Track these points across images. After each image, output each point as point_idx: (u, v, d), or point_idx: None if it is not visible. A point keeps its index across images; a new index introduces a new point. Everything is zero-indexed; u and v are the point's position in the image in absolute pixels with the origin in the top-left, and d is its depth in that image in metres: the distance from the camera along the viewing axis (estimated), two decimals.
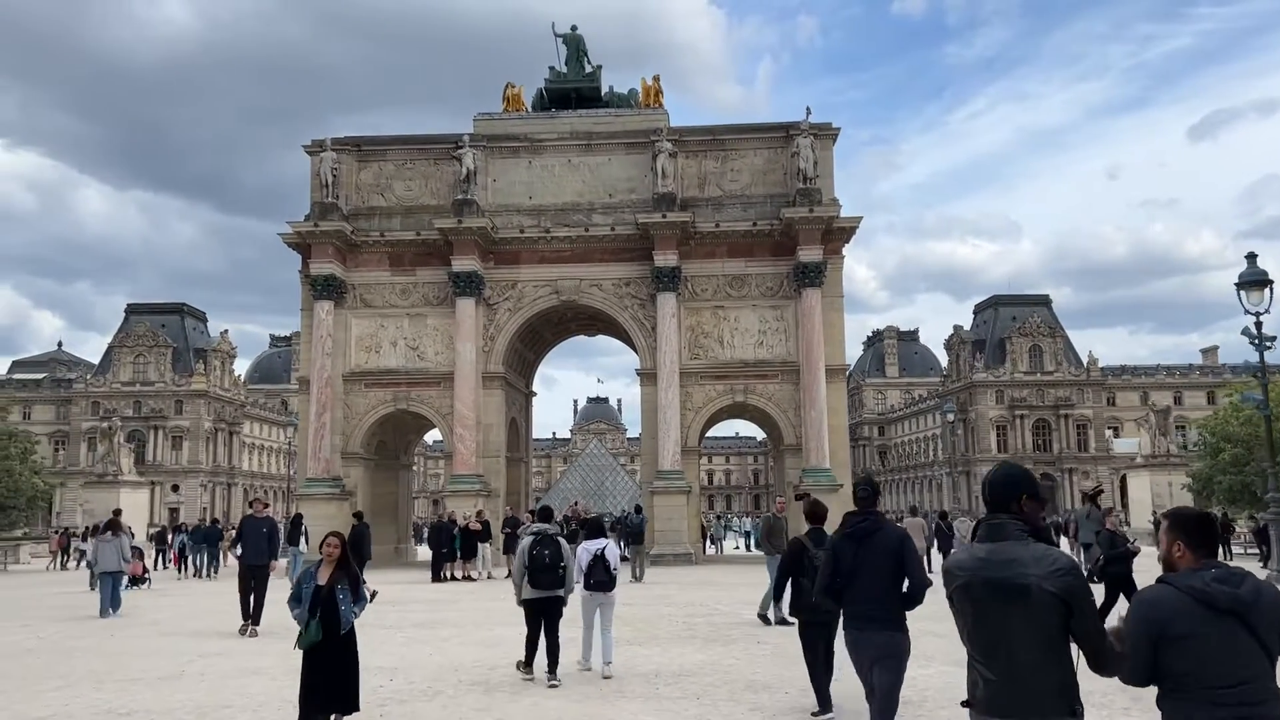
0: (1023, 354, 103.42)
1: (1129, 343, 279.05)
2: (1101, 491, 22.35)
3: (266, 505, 15.94)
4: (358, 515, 27.95)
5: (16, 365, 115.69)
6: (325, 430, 34.00)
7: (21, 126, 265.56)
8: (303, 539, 26.17)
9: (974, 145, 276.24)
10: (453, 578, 27.87)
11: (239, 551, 16.74)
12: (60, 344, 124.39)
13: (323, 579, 8.21)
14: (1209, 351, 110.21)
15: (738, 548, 49.47)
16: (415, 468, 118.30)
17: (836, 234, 34.70)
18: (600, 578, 11.23)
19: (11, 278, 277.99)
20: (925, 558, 28.51)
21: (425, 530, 34.66)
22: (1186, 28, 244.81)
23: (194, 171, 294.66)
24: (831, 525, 7.74)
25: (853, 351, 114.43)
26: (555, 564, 10.76)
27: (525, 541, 11.05)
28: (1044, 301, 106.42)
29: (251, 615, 15.87)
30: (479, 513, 28.88)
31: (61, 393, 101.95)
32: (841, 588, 6.54)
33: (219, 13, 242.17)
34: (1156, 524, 49.68)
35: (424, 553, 38.56)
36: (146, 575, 28.42)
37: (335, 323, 34.89)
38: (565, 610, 11.09)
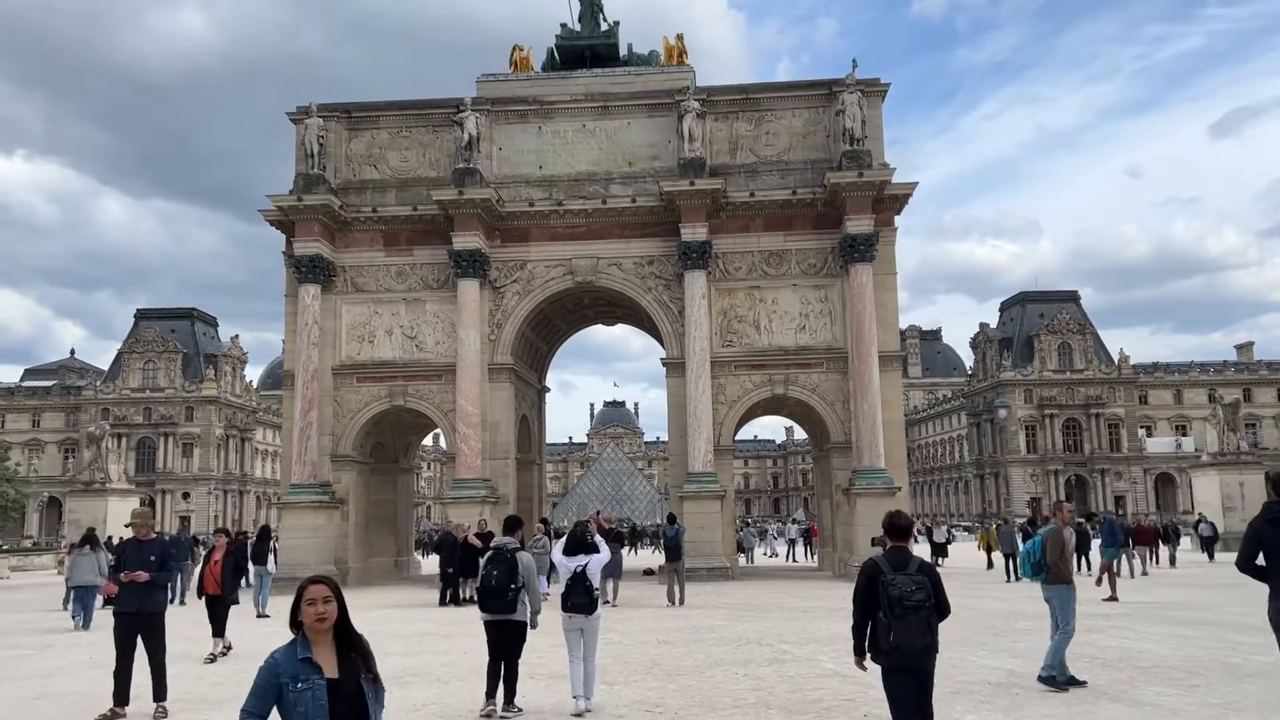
0: (1051, 352, 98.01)
1: (1151, 343, 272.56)
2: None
3: (150, 527, 10.60)
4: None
5: (29, 373, 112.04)
6: (312, 430, 29.33)
7: (43, 138, 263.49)
8: (271, 557, 21.36)
9: (988, 148, 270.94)
10: (456, 599, 23.22)
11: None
12: (73, 351, 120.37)
13: (327, 666, 4.30)
14: (1244, 348, 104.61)
15: (774, 555, 44.61)
16: (418, 472, 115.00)
17: (888, 203, 29.86)
18: (579, 599, 9.95)
19: (34, 288, 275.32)
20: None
21: (435, 539, 29.82)
22: (1197, 28, 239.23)
23: (214, 181, 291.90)
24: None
25: None
26: (504, 586, 9.62)
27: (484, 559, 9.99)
28: (1072, 298, 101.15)
29: (119, 695, 9.93)
30: (481, 522, 24.13)
31: (71, 400, 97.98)
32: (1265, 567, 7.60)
33: (238, 24, 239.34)
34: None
35: (429, 565, 33.96)
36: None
37: (323, 309, 30.22)
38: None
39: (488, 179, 30.08)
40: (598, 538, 11.59)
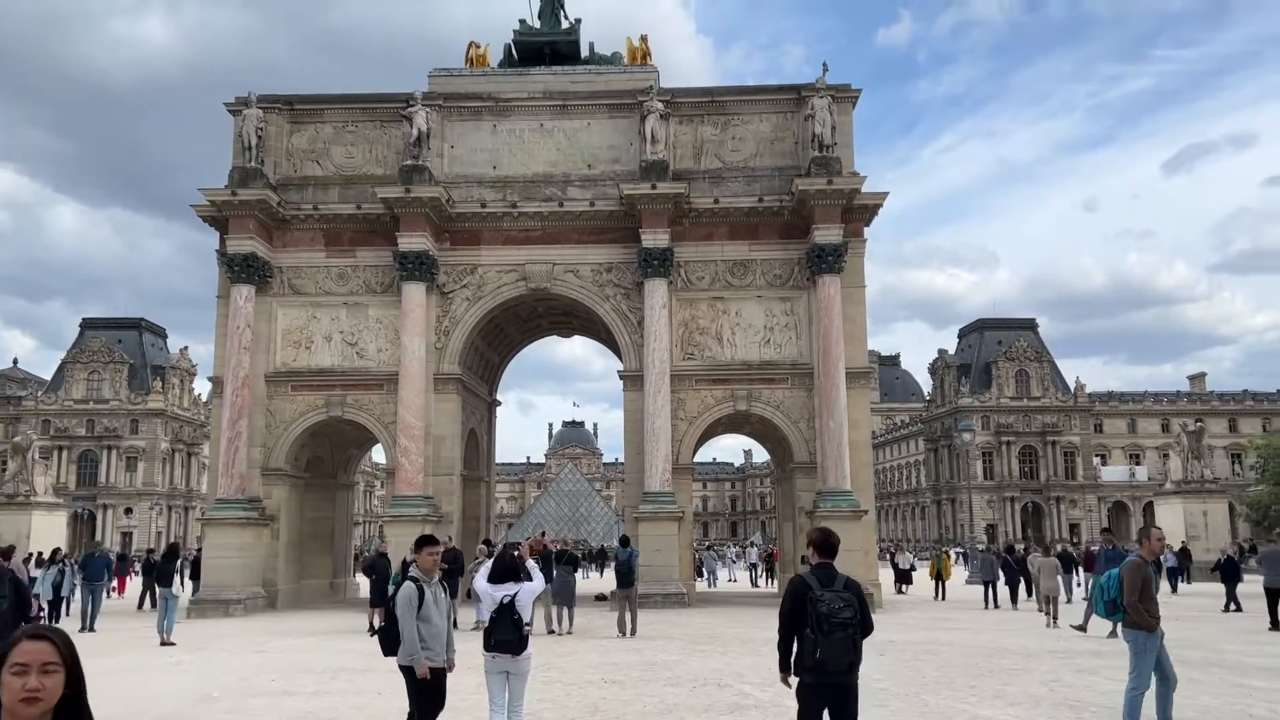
0: (1009, 379, 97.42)
1: (1103, 373, 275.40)
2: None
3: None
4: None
5: None
6: (241, 441, 26.98)
7: None
8: (176, 578, 19.02)
9: (947, 179, 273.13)
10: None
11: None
12: (15, 361, 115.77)
13: None
14: (1196, 379, 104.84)
15: (733, 580, 42.68)
16: (371, 489, 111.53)
17: (857, 213, 28.26)
18: (505, 636, 8.16)
19: None
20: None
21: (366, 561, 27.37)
22: (1149, 68, 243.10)
23: (171, 191, 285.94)
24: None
25: None
26: (387, 627, 8.09)
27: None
28: (1030, 325, 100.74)
29: None
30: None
31: (10, 410, 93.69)
32: None
33: (201, 33, 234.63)
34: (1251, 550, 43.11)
35: (368, 587, 31.61)
36: (39, 614, 21.31)
37: (257, 312, 27.95)
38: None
39: (438, 178, 28.10)
40: (530, 563, 9.68)
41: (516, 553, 10.15)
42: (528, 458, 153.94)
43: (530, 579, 9.32)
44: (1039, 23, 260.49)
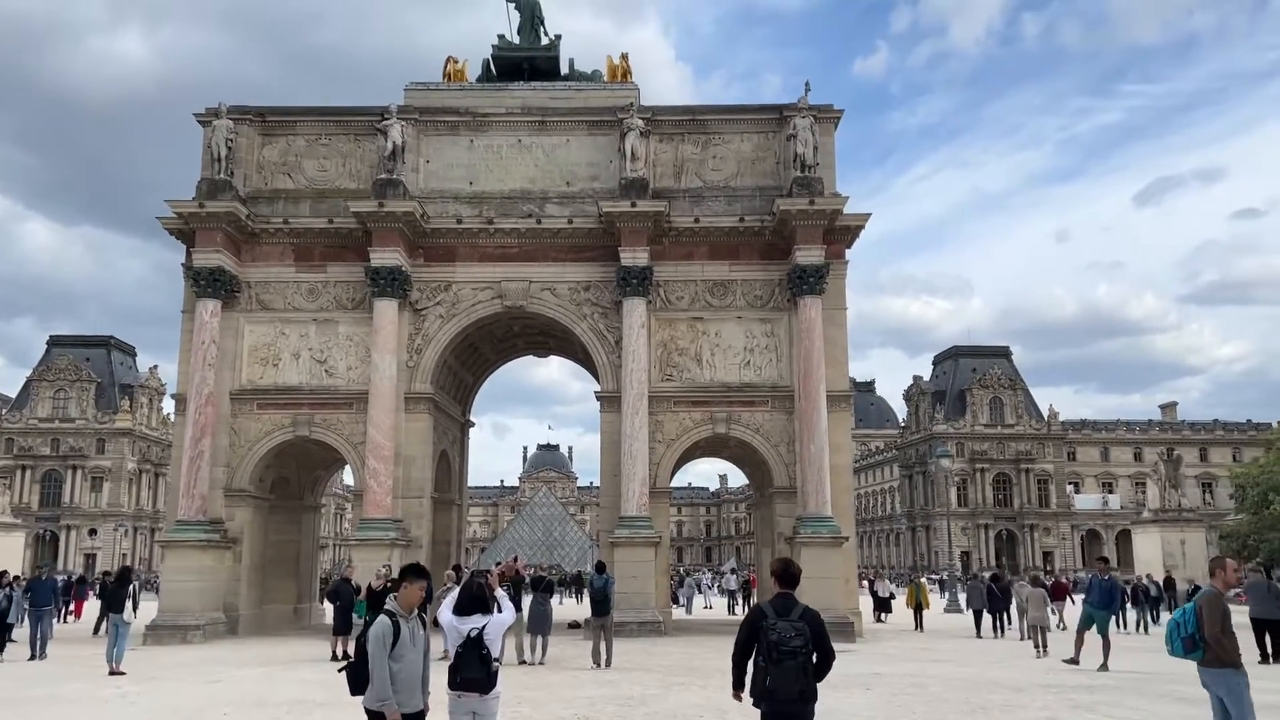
0: (983, 406, 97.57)
1: (1074, 402, 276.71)
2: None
3: None
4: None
5: None
6: (203, 460, 25.93)
7: None
8: (128, 603, 17.97)
9: (922, 208, 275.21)
10: (346, 656, 20.07)
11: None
12: None
13: None
14: (1168, 408, 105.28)
15: (708, 607, 41.78)
16: (342, 512, 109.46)
17: (839, 234, 27.75)
18: (472, 673, 7.38)
19: None
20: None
21: (330, 585, 26.21)
22: (1118, 103, 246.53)
23: (147, 209, 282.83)
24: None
25: None
26: (356, 666, 7.10)
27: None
28: (1004, 353, 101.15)
29: None
30: (385, 568, 20.99)
31: None
32: None
33: (179, 52, 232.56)
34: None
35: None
36: None
37: (223, 328, 26.97)
38: None
39: (413, 193, 27.34)
40: (500, 592, 8.89)
41: (484, 580, 9.38)
42: (501, 481, 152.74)
43: (500, 610, 8.55)
44: (1012, 56, 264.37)
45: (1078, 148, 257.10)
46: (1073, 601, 31.73)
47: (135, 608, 19.30)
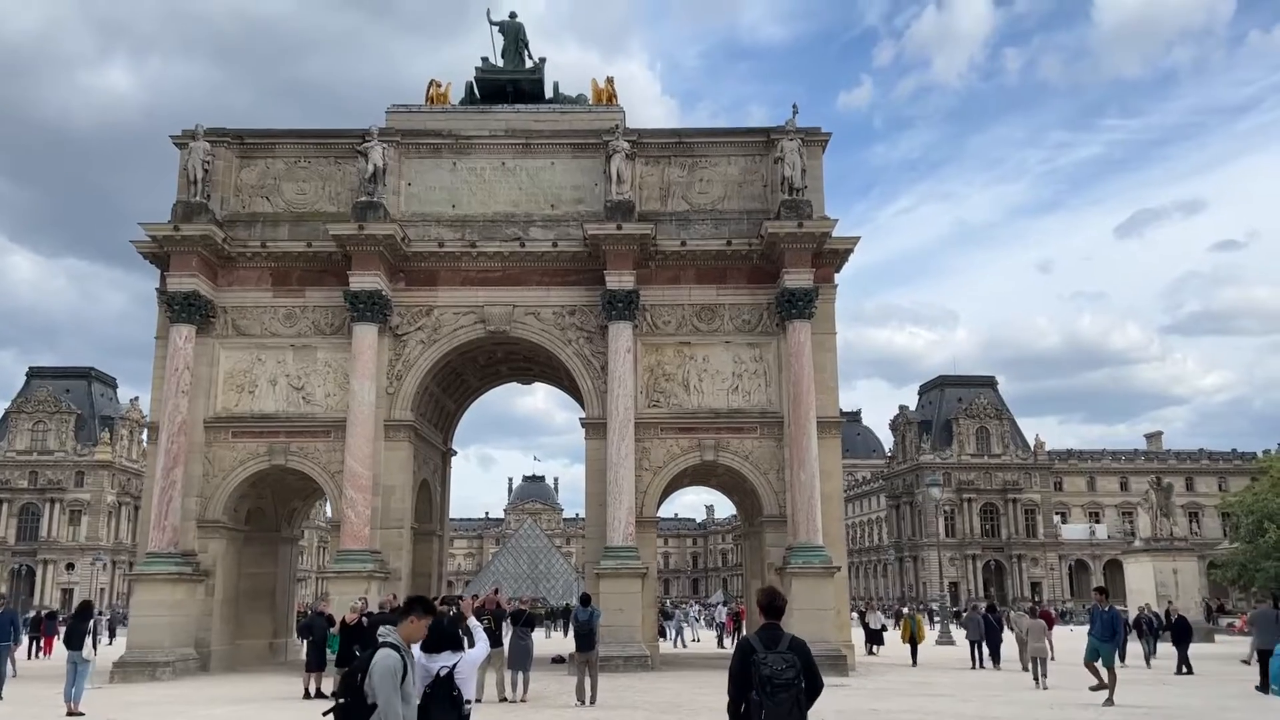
0: (969, 436, 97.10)
1: (1060, 432, 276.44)
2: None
3: None
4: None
5: None
6: (175, 490, 24.98)
7: None
8: (88, 639, 16.98)
9: (906, 239, 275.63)
10: (320, 694, 19.14)
11: None
12: None
13: None
14: (1153, 437, 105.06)
15: (696, 640, 40.80)
16: (324, 544, 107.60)
17: (828, 257, 27.24)
18: (443, 716, 6.62)
19: None
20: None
21: (302, 620, 25.11)
22: (1097, 137, 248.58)
23: (131, 240, 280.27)
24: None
25: None
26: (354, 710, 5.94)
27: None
28: (990, 383, 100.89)
29: None
30: (362, 602, 20.07)
31: None
32: None
33: (165, 83, 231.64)
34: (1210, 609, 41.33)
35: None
36: None
37: (198, 354, 26.13)
38: None
39: (394, 216, 26.68)
40: (472, 622, 8.13)
41: (455, 611, 8.62)
42: (486, 513, 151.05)
43: (473, 644, 7.78)
44: (994, 90, 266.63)
45: (1059, 180, 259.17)
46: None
47: (96, 644, 18.26)
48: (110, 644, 24.11)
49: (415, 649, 7.27)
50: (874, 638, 32.43)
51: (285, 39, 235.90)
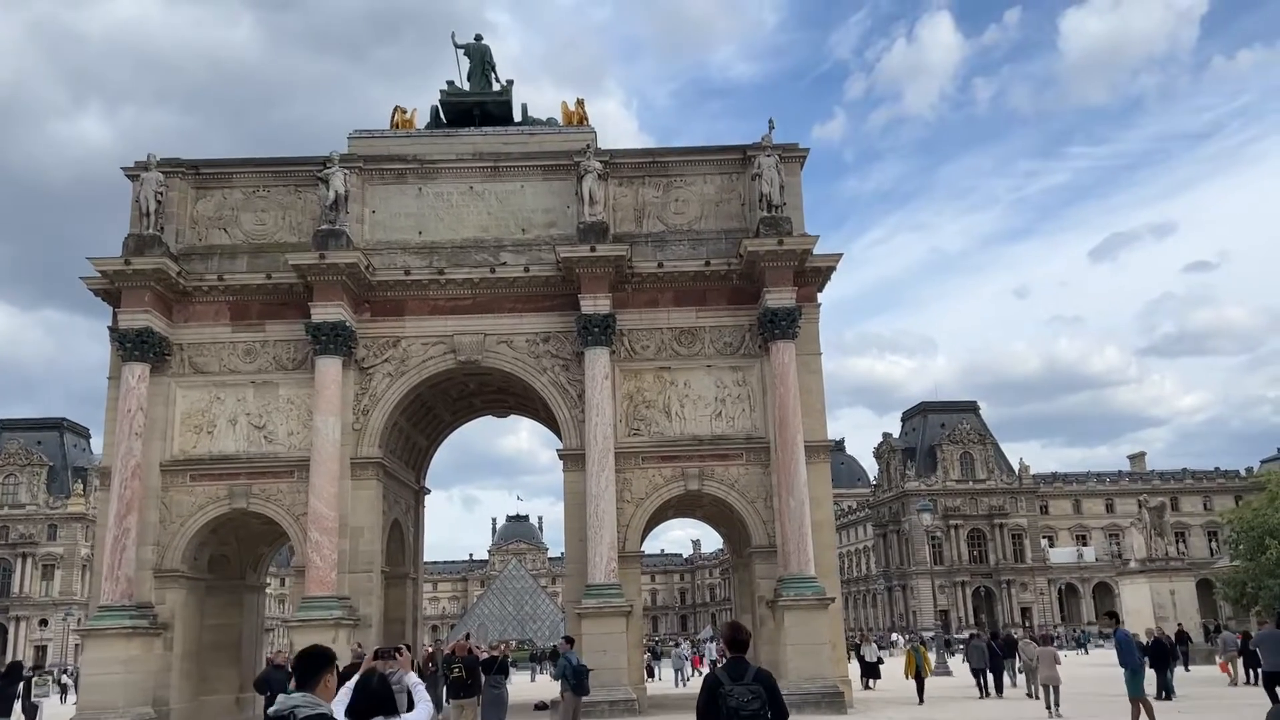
0: (954, 462, 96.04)
1: (1042, 456, 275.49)
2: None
3: None
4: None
5: None
6: (129, 539, 23.31)
7: None
8: (17, 704, 15.28)
9: (882, 269, 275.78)
10: None
11: None
12: None
13: None
14: (1136, 459, 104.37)
15: (687, 680, 38.95)
16: (274, 588, 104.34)
17: (810, 276, 26.10)
18: None
19: None
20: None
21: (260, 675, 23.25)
22: (1065, 165, 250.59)
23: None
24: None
25: None
26: None
27: None
28: (972, 408, 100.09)
29: None
30: (355, 649, 18.45)
31: None
32: None
33: (139, 132, 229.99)
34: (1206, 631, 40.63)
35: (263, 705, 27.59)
36: None
37: (152, 394, 24.58)
38: None
39: (358, 244, 25.36)
40: (410, 679, 6.73)
41: (391, 670, 7.19)
42: (470, 555, 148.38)
43: (412, 707, 6.38)
44: (963, 120, 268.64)
45: (1029, 208, 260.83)
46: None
47: (35, 708, 16.60)
48: (64, 703, 22.54)
49: (340, 711, 5.93)
50: (870, 671, 30.86)
51: (259, 87, 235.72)
